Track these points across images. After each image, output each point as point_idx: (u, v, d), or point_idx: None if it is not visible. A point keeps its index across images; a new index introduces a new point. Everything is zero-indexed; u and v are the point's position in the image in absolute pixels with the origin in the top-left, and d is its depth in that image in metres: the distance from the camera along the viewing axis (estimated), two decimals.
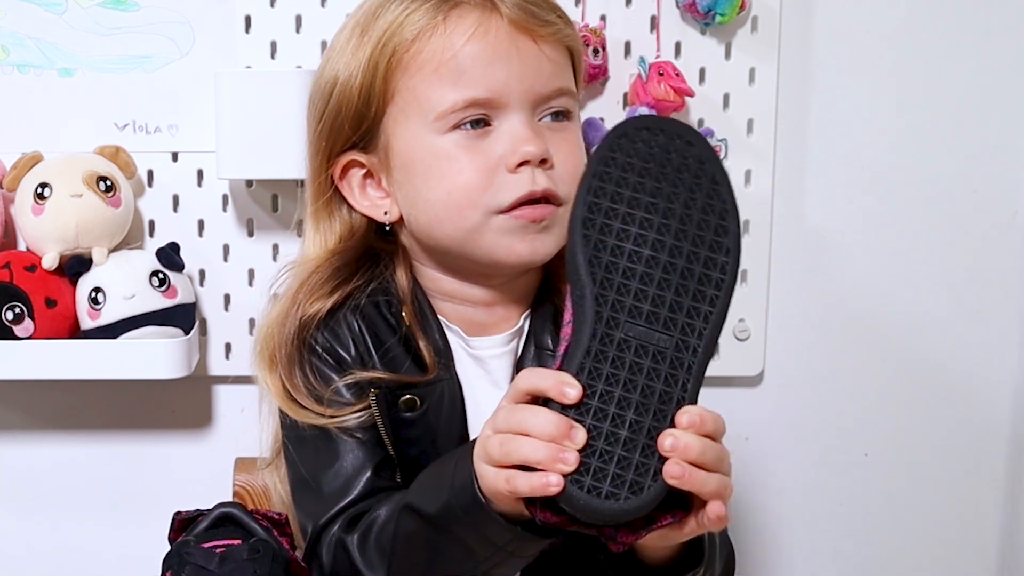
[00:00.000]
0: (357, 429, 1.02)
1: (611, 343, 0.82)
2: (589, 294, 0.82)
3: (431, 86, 1.00)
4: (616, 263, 0.83)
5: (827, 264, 1.47)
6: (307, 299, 1.05)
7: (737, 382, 1.47)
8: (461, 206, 1.00)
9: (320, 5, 1.36)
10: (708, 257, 0.84)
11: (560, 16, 1.04)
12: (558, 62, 1.02)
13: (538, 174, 0.99)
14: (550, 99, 1.02)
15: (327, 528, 1.00)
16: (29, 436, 1.44)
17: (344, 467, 1.01)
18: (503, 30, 0.99)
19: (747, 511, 1.46)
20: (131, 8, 1.35)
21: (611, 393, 0.81)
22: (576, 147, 1.03)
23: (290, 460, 1.06)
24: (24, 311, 1.27)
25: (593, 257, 0.83)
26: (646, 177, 0.85)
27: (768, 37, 1.39)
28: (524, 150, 0.99)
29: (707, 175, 0.86)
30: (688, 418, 0.81)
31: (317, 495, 1.01)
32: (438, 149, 1.00)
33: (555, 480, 0.78)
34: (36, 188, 1.29)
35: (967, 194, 1.46)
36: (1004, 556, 1.54)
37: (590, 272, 0.83)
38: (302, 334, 1.04)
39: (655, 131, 0.86)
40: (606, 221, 0.84)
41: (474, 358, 1.06)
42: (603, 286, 0.83)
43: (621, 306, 0.82)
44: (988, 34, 1.43)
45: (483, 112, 0.99)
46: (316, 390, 1.03)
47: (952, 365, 1.50)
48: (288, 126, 1.28)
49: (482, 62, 0.99)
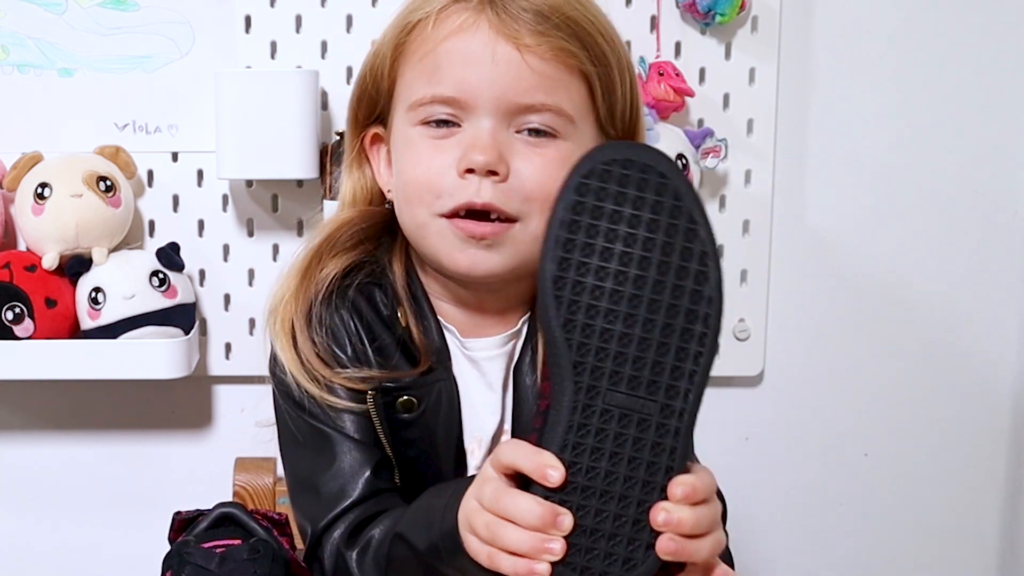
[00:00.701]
0: (355, 430, 1.02)
1: (593, 414, 0.78)
2: (566, 362, 0.78)
3: (414, 76, 0.99)
4: (592, 325, 0.78)
5: (827, 264, 1.47)
6: (328, 253, 1.04)
7: (737, 382, 1.47)
8: (411, 200, 0.99)
9: (320, 5, 1.36)
10: (689, 309, 0.78)
11: (573, 34, 0.98)
12: (548, 76, 0.97)
13: (484, 185, 0.96)
14: (528, 111, 0.97)
15: (327, 531, 0.99)
16: (29, 436, 1.45)
17: (342, 469, 1.01)
18: (484, 33, 0.96)
19: (747, 511, 1.46)
20: (131, 8, 1.35)
21: (597, 468, 0.77)
22: (548, 167, 0.97)
23: (287, 461, 1.06)
24: (24, 311, 1.27)
25: (567, 320, 0.77)
26: (619, 223, 0.78)
27: (768, 37, 1.39)
28: (471, 157, 0.95)
29: (684, 214, 0.79)
30: (682, 491, 0.78)
31: (316, 497, 1.01)
32: (408, 139, 1.00)
33: (542, 569, 0.77)
34: (36, 188, 1.29)
35: (967, 194, 1.46)
36: (1004, 556, 1.54)
37: (566, 338, 0.77)
38: (319, 289, 1.03)
39: (625, 165, 0.79)
40: (578, 278, 0.78)
41: (469, 359, 1.05)
42: (580, 352, 0.78)
43: (600, 373, 0.78)
44: (988, 34, 1.43)
45: (451, 111, 0.98)
46: (320, 357, 1.02)
47: (952, 365, 1.50)
48: (288, 126, 1.28)
49: (457, 61, 0.97)
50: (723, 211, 1.42)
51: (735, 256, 1.43)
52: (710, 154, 1.35)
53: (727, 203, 1.42)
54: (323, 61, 1.36)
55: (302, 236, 1.39)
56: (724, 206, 1.42)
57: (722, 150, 1.36)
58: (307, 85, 1.30)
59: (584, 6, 1.00)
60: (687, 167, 1.33)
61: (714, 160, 1.36)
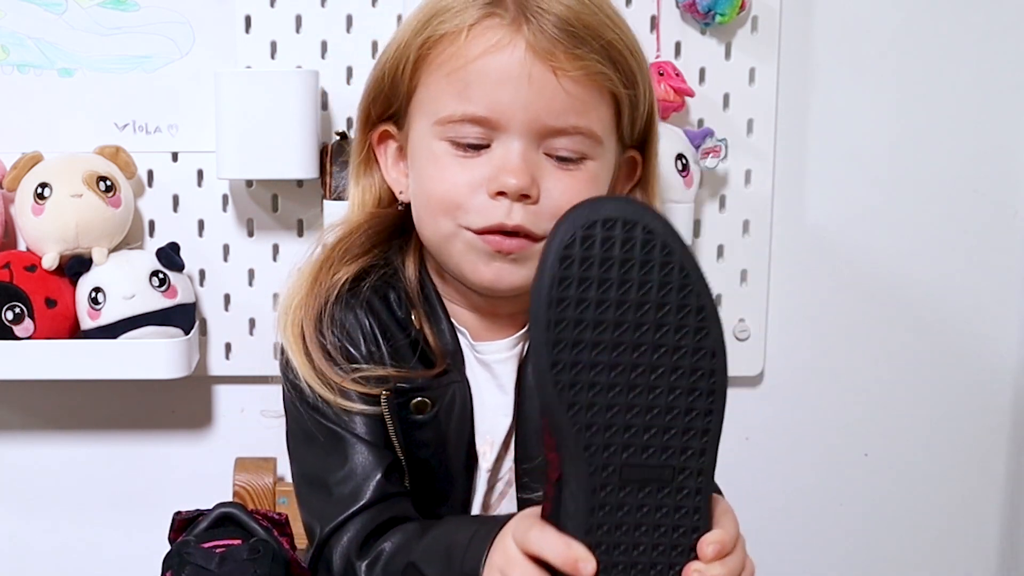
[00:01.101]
0: (366, 431, 1.02)
1: (612, 492, 0.76)
2: (575, 444, 0.75)
3: (441, 90, 0.97)
4: (596, 402, 0.75)
5: (827, 264, 1.47)
6: (340, 258, 1.04)
7: (737, 382, 1.47)
8: (436, 213, 0.99)
9: (320, 5, 1.36)
10: (693, 367, 0.76)
11: (607, 56, 0.96)
12: (581, 99, 0.96)
13: (516, 208, 0.96)
14: (559, 134, 0.96)
15: (337, 533, 0.99)
16: (29, 436, 1.44)
17: (354, 471, 1.01)
18: (520, 53, 0.94)
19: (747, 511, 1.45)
20: (131, 8, 1.34)
21: (622, 543, 0.76)
22: (578, 188, 0.97)
23: (296, 458, 1.06)
24: (24, 311, 1.27)
25: (571, 404, 0.74)
26: (608, 290, 0.74)
27: (768, 37, 1.39)
28: (504, 180, 0.95)
29: (676, 267, 0.75)
30: (712, 550, 0.78)
31: (327, 497, 1.01)
32: (433, 152, 0.99)
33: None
34: (36, 188, 1.29)
35: (967, 194, 1.46)
36: (1004, 556, 1.54)
37: (571, 420, 0.74)
38: (330, 293, 1.03)
39: (609, 225, 0.74)
40: (576, 357, 0.74)
41: (480, 362, 1.05)
42: (589, 432, 0.75)
43: (612, 449, 0.75)
44: (988, 34, 1.43)
45: (481, 131, 0.96)
46: (332, 359, 1.02)
47: (952, 365, 1.50)
48: (288, 126, 1.28)
49: (490, 80, 0.95)
50: (723, 211, 1.42)
51: (735, 256, 1.43)
52: (710, 154, 1.35)
53: (727, 203, 1.42)
54: (323, 61, 1.36)
55: (302, 236, 1.39)
56: (724, 206, 1.42)
57: (722, 150, 1.36)
58: (307, 85, 1.30)
59: (618, 26, 0.99)
60: (687, 167, 1.33)
61: (714, 160, 1.36)
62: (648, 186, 1.07)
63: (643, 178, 1.07)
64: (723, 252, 1.43)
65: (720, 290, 1.43)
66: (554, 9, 0.95)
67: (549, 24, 0.94)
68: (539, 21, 0.94)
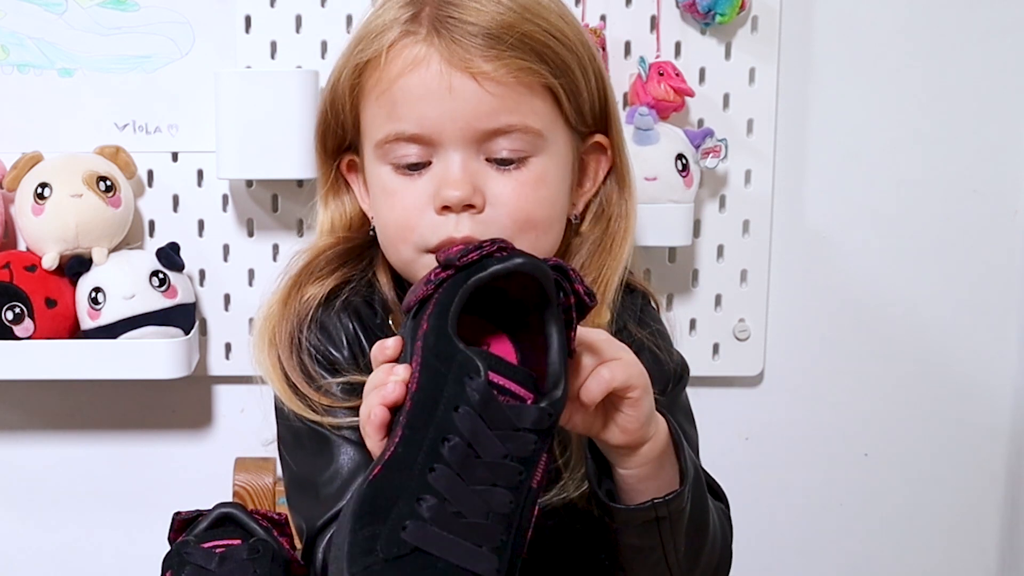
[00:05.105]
0: (352, 433, 1.02)
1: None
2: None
3: (374, 114, 0.99)
4: None
5: (827, 264, 1.47)
6: (308, 280, 1.05)
7: (737, 382, 1.47)
8: (395, 240, 1.00)
9: (320, 5, 1.36)
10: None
11: (530, 50, 0.95)
12: (510, 98, 0.95)
13: (463, 219, 0.96)
14: (495, 135, 0.96)
15: (323, 531, 1.00)
16: (29, 436, 1.44)
17: (340, 471, 1.01)
18: (436, 66, 0.95)
19: (747, 511, 1.46)
20: (131, 8, 1.35)
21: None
22: (524, 190, 0.97)
23: (285, 460, 1.06)
24: (24, 311, 1.27)
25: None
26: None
27: (768, 37, 1.39)
28: (446, 194, 0.95)
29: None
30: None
31: (313, 497, 1.01)
32: (380, 178, 1.00)
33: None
34: (36, 188, 1.29)
35: (967, 194, 1.46)
36: (1004, 556, 1.54)
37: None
38: (302, 316, 1.04)
39: None
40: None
41: None
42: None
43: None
44: (988, 34, 1.43)
45: (418, 150, 0.97)
46: (313, 380, 1.02)
47: (952, 365, 1.50)
48: (288, 126, 1.28)
49: (413, 97, 0.96)
50: (723, 211, 1.42)
51: (735, 256, 1.43)
52: (710, 154, 1.35)
53: (727, 203, 1.42)
54: (323, 61, 1.36)
55: (302, 236, 1.39)
56: (724, 206, 1.42)
57: (722, 150, 1.36)
58: (307, 85, 1.30)
59: (537, 15, 0.97)
60: (687, 167, 1.33)
61: (714, 160, 1.36)
62: (618, 165, 1.06)
63: (613, 159, 1.06)
64: (723, 252, 1.43)
65: (720, 290, 1.43)
66: (468, 17, 0.95)
67: (462, 32, 0.95)
68: (452, 32, 0.95)
